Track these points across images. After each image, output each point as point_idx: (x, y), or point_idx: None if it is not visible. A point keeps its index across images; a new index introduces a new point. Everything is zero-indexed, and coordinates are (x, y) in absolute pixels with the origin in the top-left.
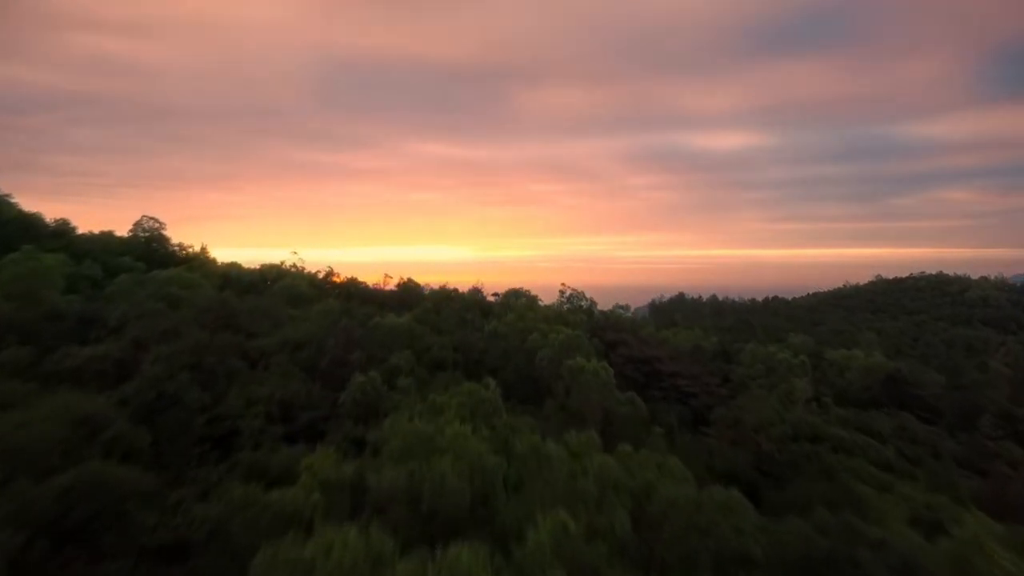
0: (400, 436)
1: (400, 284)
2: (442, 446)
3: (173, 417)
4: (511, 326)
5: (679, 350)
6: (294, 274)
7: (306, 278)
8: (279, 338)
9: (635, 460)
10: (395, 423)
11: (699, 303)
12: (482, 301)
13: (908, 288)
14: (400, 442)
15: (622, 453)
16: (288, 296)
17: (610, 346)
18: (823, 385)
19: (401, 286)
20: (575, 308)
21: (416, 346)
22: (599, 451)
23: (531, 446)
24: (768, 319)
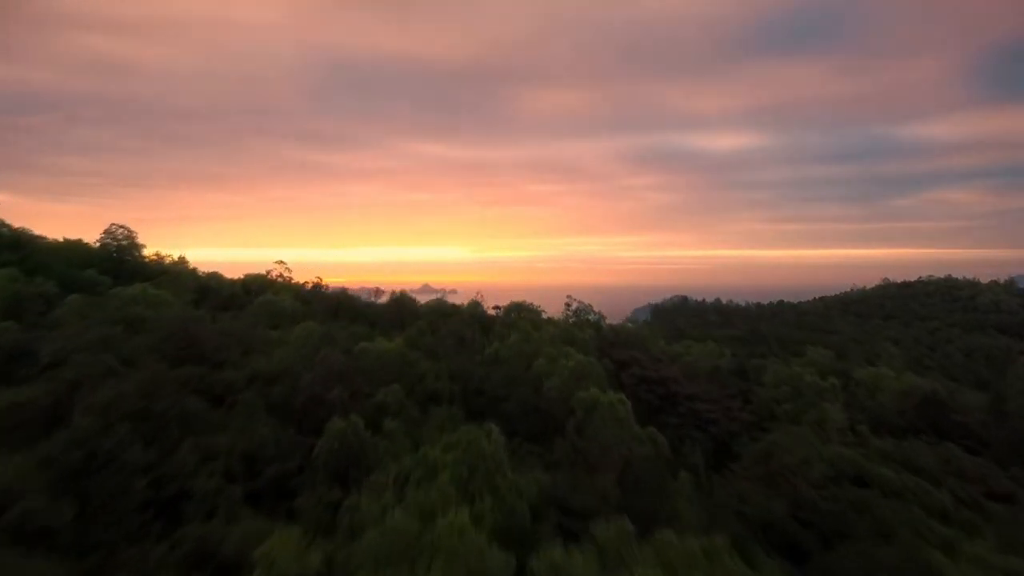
0: (378, 532)
1: (393, 297)
2: (432, 543)
3: (107, 481)
4: (514, 348)
5: (695, 368)
6: (280, 285)
7: (292, 290)
8: (249, 370)
9: (679, 556)
10: (371, 503)
11: (703, 307)
12: (482, 316)
13: (917, 293)
14: (378, 538)
15: (663, 544)
16: (269, 313)
17: (621, 366)
18: (854, 409)
19: (395, 299)
20: (582, 322)
21: (408, 376)
22: (634, 545)
23: (550, 564)
24: (780, 328)
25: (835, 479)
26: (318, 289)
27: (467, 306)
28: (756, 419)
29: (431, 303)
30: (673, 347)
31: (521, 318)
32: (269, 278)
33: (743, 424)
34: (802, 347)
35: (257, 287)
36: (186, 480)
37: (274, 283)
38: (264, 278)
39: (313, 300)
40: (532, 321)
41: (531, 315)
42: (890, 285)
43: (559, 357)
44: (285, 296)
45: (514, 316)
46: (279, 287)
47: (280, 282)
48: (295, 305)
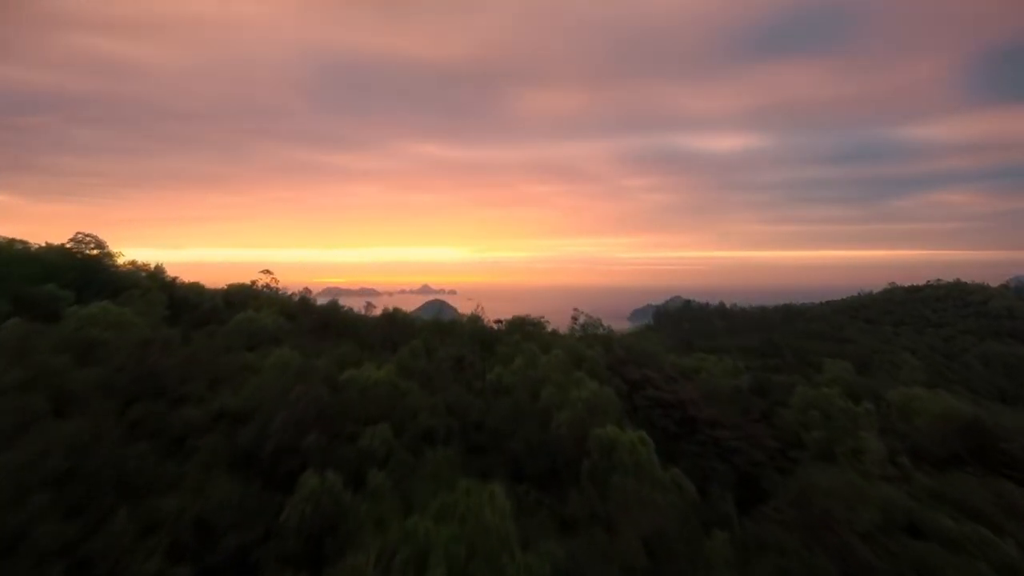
0: None
1: (386, 313)
2: None
3: (11, 571)
4: (519, 375)
5: (712, 387)
6: (267, 296)
7: (278, 303)
8: (217, 405)
9: None
10: None
11: (706, 311)
12: (484, 331)
13: (927, 297)
14: None
15: None
16: (248, 333)
17: (633, 386)
18: (889, 436)
19: (387, 315)
20: (590, 336)
21: (398, 412)
22: None
23: None
24: (793, 338)
25: (884, 527)
26: (306, 301)
27: (466, 320)
28: (782, 446)
29: (427, 322)
30: (685, 361)
31: (526, 335)
32: (254, 288)
33: (768, 451)
34: (819, 359)
35: (241, 298)
36: (117, 561)
37: (259, 294)
38: (249, 289)
39: (299, 314)
40: (538, 337)
41: (536, 331)
42: (897, 289)
43: (569, 385)
44: (268, 312)
45: (518, 336)
46: (264, 299)
47: (266, 293)
48: (278, 322)
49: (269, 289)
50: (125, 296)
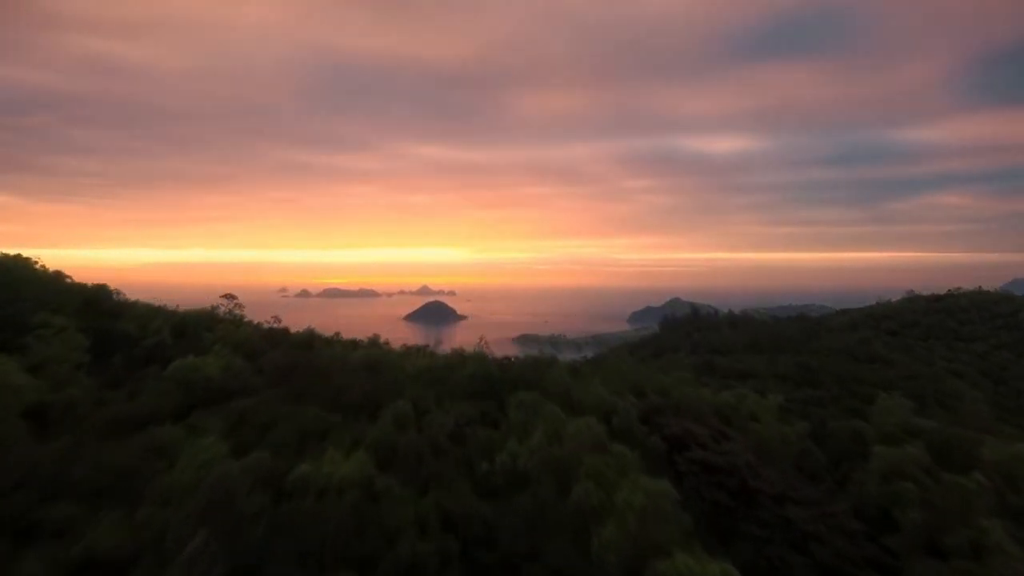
0: None
1: (370, 359)
2: None
3: None
4: (539, 456)
5: (764, 438)
6: (230, 322)
7: (238, 338)
8: (76, 552)
9: None
10: None
11: (715, 318)
12: (490, 376)
13: (951, 307)
14: None
15: None
16: (186, 386)
17: (673, 443)
18: (1005, 517)
19: (370, 360)
20: (617, 370)
21: (371, 534)
22: None
23: None
24: (822, 356)
25: None
26: (273, 335)
27: (469, 362)
28: (868, 529)
29: (419, 366)
30: (721, 396)
31: (546, 389)
32: (216, 315)
33: (852, 538)
34: (865, 388)
35: (195, 328)
36: None
37: (225, 320)
38: (208, 315)
39: (265, 351)
40: (557, 385)
41: (555, 379)
42: (917, 298)
43: (611, 475)
44: (219, 354)
45: (534, 394)
46: (223, 331)
47: (231, 319)
48: (233, 365)
49: (233, 318)
50: (34, 336)
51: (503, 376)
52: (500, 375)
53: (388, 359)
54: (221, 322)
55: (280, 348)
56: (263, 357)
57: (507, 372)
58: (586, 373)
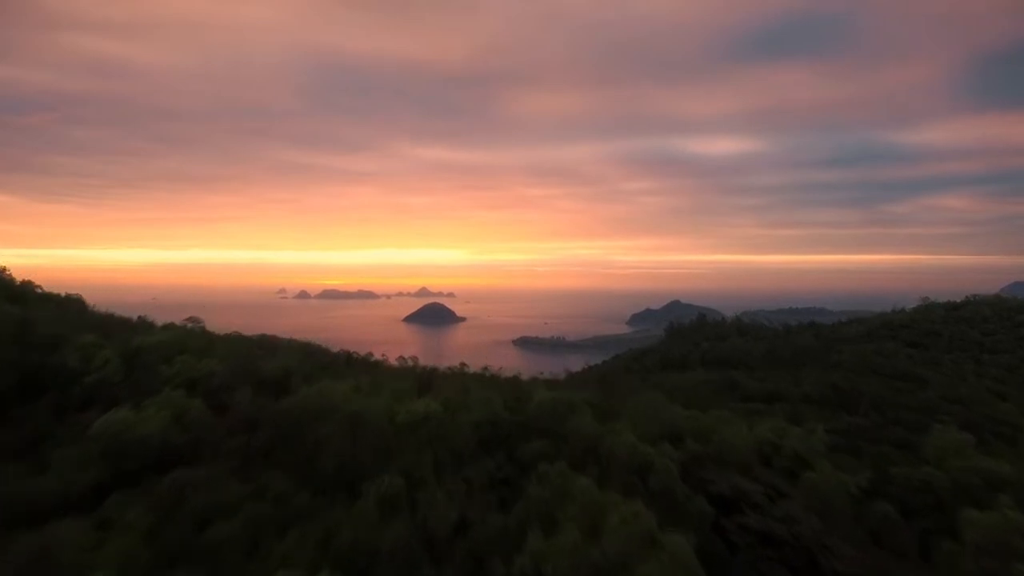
0: None
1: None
2: None
3: None
4: (574, 558)
5: (822, 491)
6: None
7: (206, 367)
8: None
9: None
10: None
11: (723, 325)
12: (501, 421)
13: (971, 316)
14: None
15: None
16: (113, 451)
17: (721, 506)
18: None
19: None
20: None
21: None
22: None
23: None
24: (850, 372)
25: None
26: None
27: (474, 405)
28: None
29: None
30: (760, 430)
31: (566, 429)
32: (185, 339)
33: None
34: (911, 415)
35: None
36: None
37: (186, 350)
38: (175, 341)
39: (229, 389)
40: (581, 434)
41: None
42: (934, 306)
43: None
44: (163, 406)
45: (560, 466)
46: (187, 361)
47: (199, 333)
48: (185, 417)
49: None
50: None
51: (515, 421)
52: (511, 420)
53: (374, 417)
54: (185, 350)
55: (248, 387)
56: (227, 404)
57: (519, 415)
58: (613, 411)
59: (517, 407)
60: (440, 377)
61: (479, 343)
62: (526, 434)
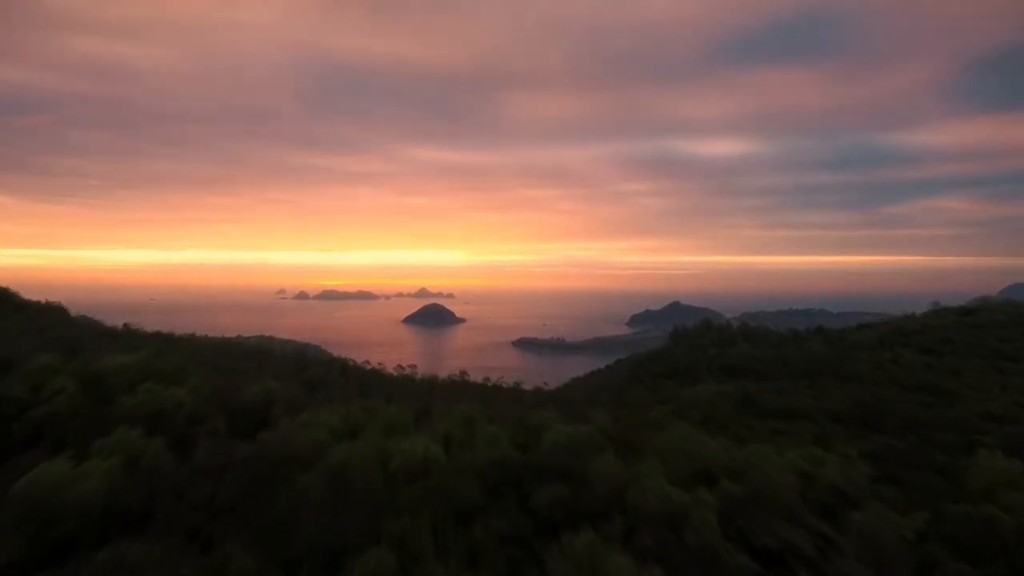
0: None
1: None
2: None
3: None
4: None
5: (876, 539)
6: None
7: (174, 397)
8: None
9: None
10: None
11: (728, 330)
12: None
13: (985, 322)
14: None
15: None
16: (40, 519)
17: (769, 562)
18: None
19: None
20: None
21: None
22: None
23: None
24: (871, 386)
25: None
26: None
27: (479, 443)
28: None
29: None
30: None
31: (588, 471)
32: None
33: None
34: (946, 435)
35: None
36: None
37: (154, 374)
38: (141, 366)
39: (198, 422)
40: (604, 478)
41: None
42: (945, 311)
43: None
44: (103, 460)
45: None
46: (152, 391)
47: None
48: (142, 463)
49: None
50: None
51: (526, 461)
52: (521, 460)
53: (364, 453)
54: (152, 376)
55: (223, 417)
56: (195, 440)
57: (531, 453)
58: (636, 445)
59: (528, 443)
60: (440, 389)
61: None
62: (540, 476)
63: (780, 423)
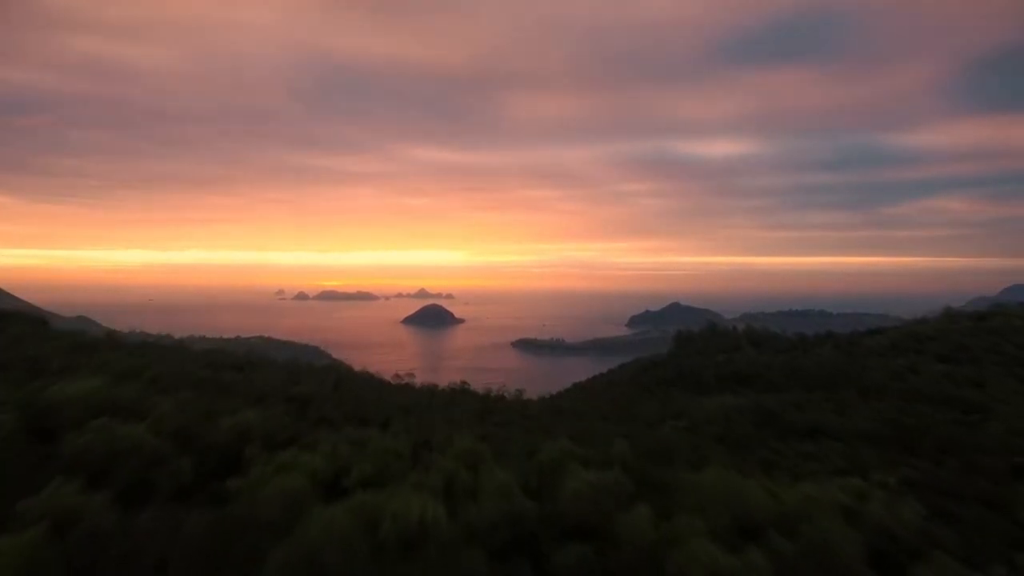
0: None
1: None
2: None
3: None
4: None
5: None
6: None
7: (131, 437)
8: None
9: None
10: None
11: (733, 334)
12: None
13: (1001, 327)
14: None
15: None
16: None
17: None
18: None
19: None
20: None
21: None
22: None
23: None
24: (896, 399)
25: None
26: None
27: (487, 496)
28: None
29: (406, 519)
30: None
31: (618, 529)
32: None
33: None
34: (987, 459)
35: (60, 417)
36: None
37: (112, 405)
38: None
39: (158, 463)
40: (635, 537)
41: (634, 527)
42: (958, 316)
43: None
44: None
45: None
46: (103, 431)
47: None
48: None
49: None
50: None
51: (542, 515)
52: (536, 512)
53: (346, 519)
54: (113, 405)
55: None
56: (153, 488)
57: (548, 503)
58: (665, 488)
59: (542, 487)
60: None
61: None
62: (558, 534)
63: (806, 443)
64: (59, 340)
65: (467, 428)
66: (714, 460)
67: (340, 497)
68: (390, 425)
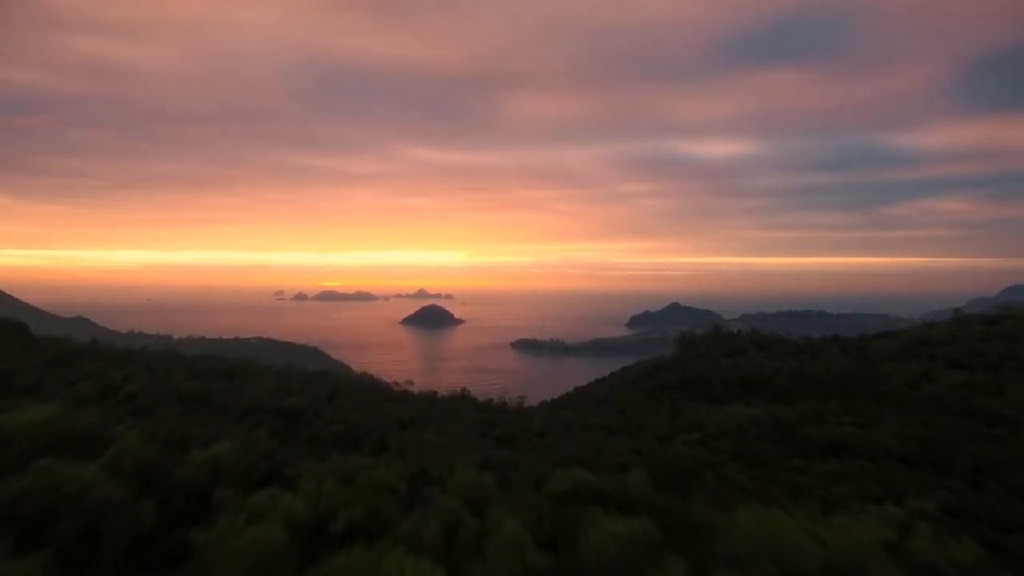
0: None
1: None
2: None
3: None
4: None
5: None
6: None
7: (85, 479)
8: None
9: None
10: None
11: (737, 337)
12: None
13: (1013, 332)
14: None
15: None
16: None
17: None
18: None
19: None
20: None
21: None
22: None
23: None
24: (917, 411)
25: None
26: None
27: (496, 553)
28: None
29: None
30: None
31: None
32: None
33: None
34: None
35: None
36: None
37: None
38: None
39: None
40: None
41: None
42: (969, 319)
43: None
44: None
45: None
46: (52, 471)
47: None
48: None
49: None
50: None
51: (561, 572)
52: (554, 569)
53: None
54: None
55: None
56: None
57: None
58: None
59: (558, 535)
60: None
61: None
62: None
63: (830, 462)
64: (38, 349)
65: (468, 446)
66: (739, 486)
67: (323, 549)
68: (385, 448)
